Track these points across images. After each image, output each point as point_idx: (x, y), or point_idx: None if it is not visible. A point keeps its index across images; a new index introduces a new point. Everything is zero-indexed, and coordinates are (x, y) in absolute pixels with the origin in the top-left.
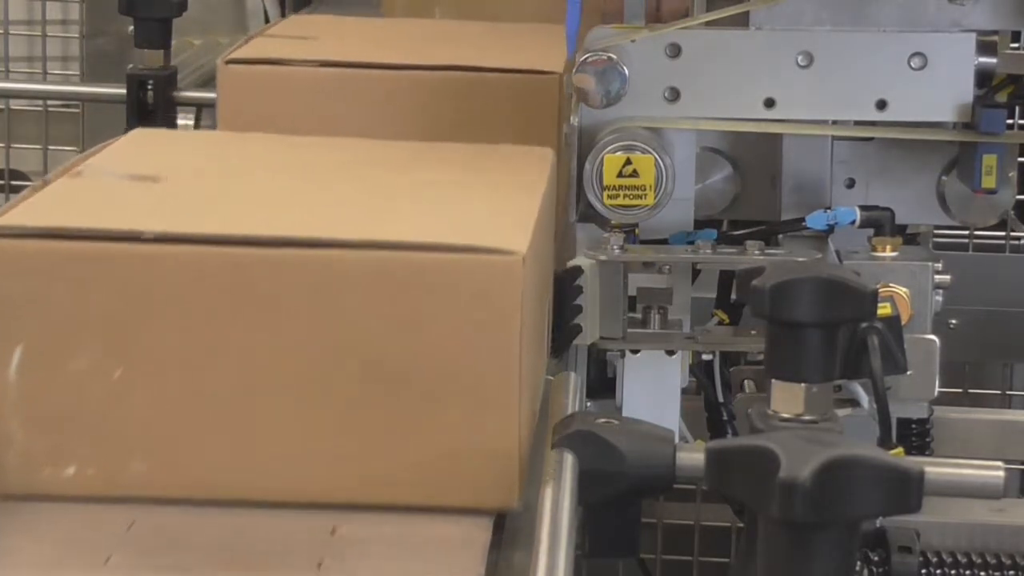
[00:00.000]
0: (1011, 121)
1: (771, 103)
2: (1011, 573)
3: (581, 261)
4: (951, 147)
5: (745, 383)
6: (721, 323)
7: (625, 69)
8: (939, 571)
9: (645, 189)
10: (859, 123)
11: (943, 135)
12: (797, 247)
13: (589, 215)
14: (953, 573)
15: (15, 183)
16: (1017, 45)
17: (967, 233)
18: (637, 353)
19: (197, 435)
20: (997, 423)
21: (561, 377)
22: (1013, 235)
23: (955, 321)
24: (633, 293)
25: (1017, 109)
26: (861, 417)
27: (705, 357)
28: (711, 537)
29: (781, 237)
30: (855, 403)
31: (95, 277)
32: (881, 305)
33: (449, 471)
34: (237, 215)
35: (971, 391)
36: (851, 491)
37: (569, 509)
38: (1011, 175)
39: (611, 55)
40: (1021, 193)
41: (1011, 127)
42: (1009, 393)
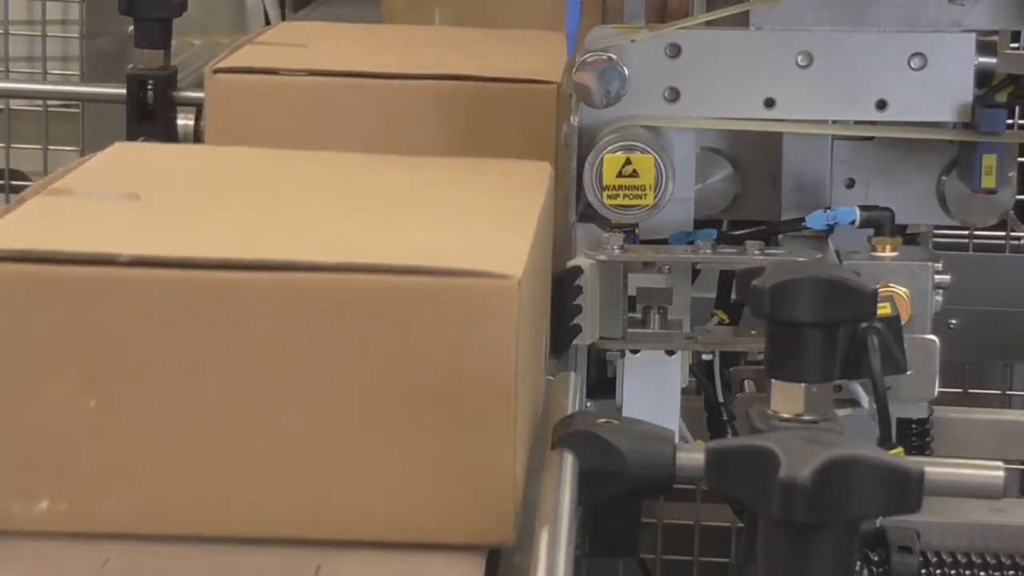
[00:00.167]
0: (1011, 121)
1: (771, 103)
2: (1011, 573)
3: (581, 261)
4: (951, 147)
5: (745, 383)
6: (721, 323)
7: (625, 69)
8: (939, 571)
9: (645, 189)
10: (859, 123)
11: (943, 135)
12: (797, 247)
13: (589, 215)
14: (953, 573)
15: (15, 183)
16: (1017, 45)
17: (967, 233)
18: (637, 353)
19: (175, 468)
20: (997, 423)
21: (561, 377)
22: (1013, 235)
23: (955, 321)
24: (633, 293)
25: (1017, 109)
26: (861, 417)
27: (705, 357)
28: (711, 537)
29: (781, 237)
30: (855, 403)
31: (67, 303)
32: (881, 305)
33: (440, 505)
34: (218, 237)
35: (971, 391)
36: (851, 491)
37: (569, 509)
38: (1011, 175)
39: (611, 55)
40: (1021, 193)
41: (1011, 127)
42: (1009, 393)
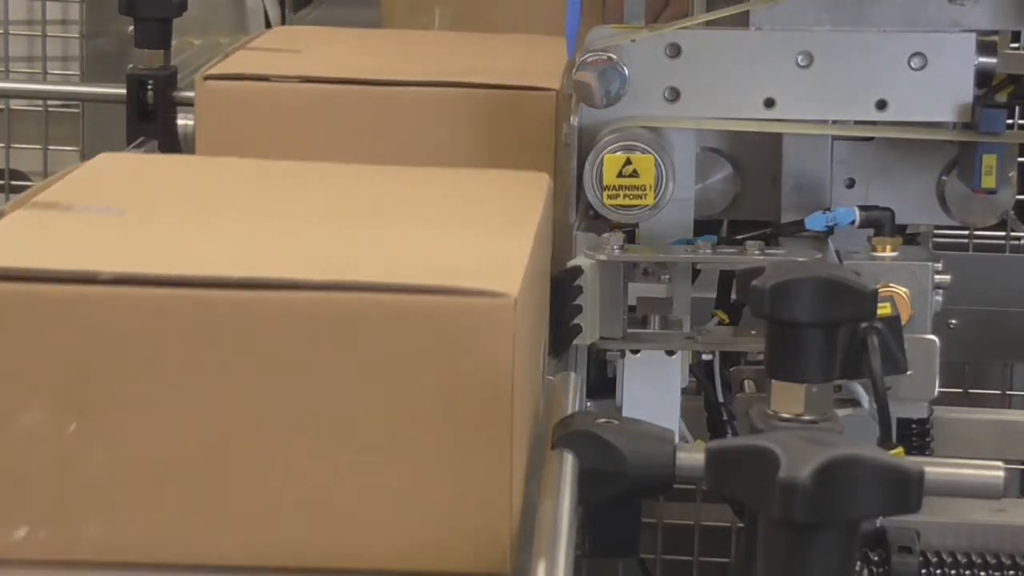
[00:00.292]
0: (1011, 121)
1: (771, 103)
2: (1011, 573)
3: (581, 261)
4: (951, 147)
5: (745, 383)
6: (721, 323)
7: (625, 69)
8: (939, 571)
9: (645, 189)
10: (859, 123)
11: (943, 135)
12: (797, 247)
13: (588, 226)
14: (953, 573)
15: (15, 183)
16: (1017, 45)
17: (967, 233)
18: (637, 353)
19: (158, 495)
20: (997, 423)
21: (561, 377)
22: (1013, 235)
23: (955, 321)
24: (633, 303)
25: (1017, 109)
26: (861, 417)
27: (705, 357)
28: (711, 537)
29: (781, 237)
30: (855, 403)
31: (47, 322)
32: (881, 305)
33: (433, 534)
34: (204, 253)
35: (971, 391)
36: (851, 491)
37: (569, 509)
38: (1011, 175)
39: (611, 55)
40: (1021, 193)
41: (1011, 127)
42: (1009, 393)
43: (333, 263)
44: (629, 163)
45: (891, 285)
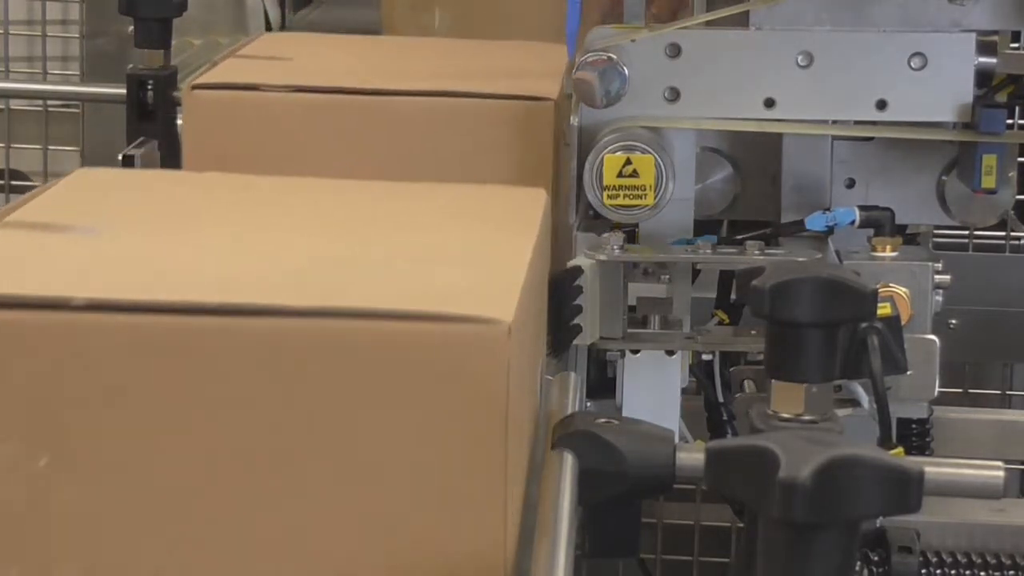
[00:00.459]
0: (1011, 121)
1: (771, 103)
2: (1011, 573)
3: (581, 261)
4: (951, 147)
5: (745, 383)
6: (721, 323)
7: (625, 69)
8: (939, 571)
9: (645, 189)
10: (859, 123)
11: (943, 135)
12: (797, 247)
13: (588, 226)
14: (953, 573)
15: (15, 183)
16: (1017, 45)
17: (967, 233)
18: (637, 353)
19: (134, 533)
20: (997, 423)
21: (561, 377)
22: (1013, 235)
23: (955, 321)
24: (633, 303)
25: (1017, 109)
26: (861, 417)
27: (705, 357)
28: (711, 537)
29: (781, 237)
30: (855, 403)
31: (16, 350)
32: (881, 305)
33: (425, 569)
34: (183, 277)
35: (971, 391)
36: (851, 491)
37: (569, 509)
38: (1011, 175)
39: (611, 55)
40: (1021, 193)
41: (1011, 127)
42: (1009, 393)
43: (319, 287)
44: (629, 163)
45: (891, 285)
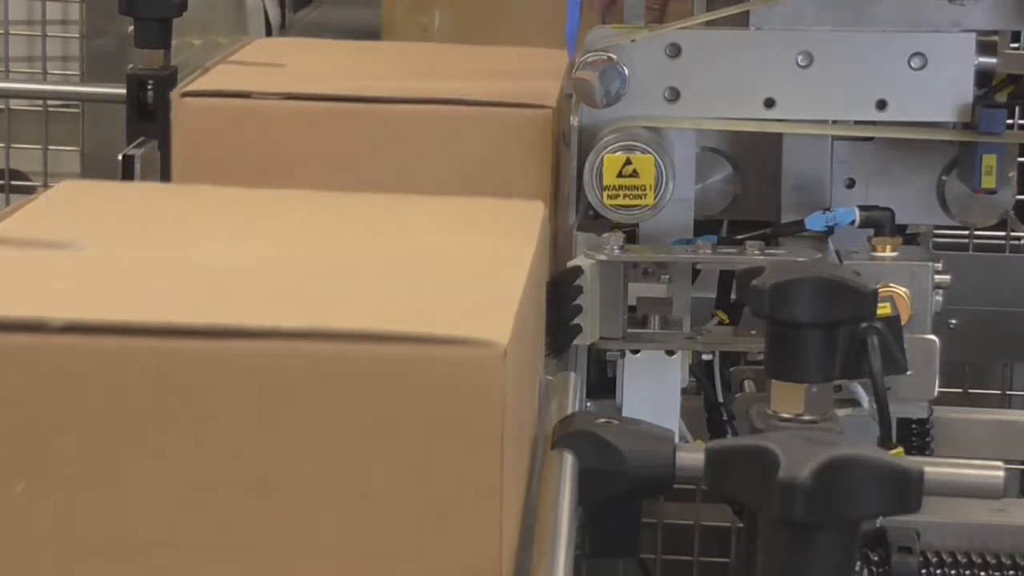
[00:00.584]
0: (1011, 121)
1: (771, 103)
2: (1011, 573)
3: (581, 261)
4: (951, 147)
5: (745, 383)
6: (721, 323)
7: (625, 69)
8: (939, 571)
9: (645, 189)
10: (859, 123)
11: (943, 135)
12: (797, 247)
13: (588, 226)
14: (953, 573)
15: (15, 183)
16: (1017, 45)
17: (967, 233)
18: (637, 353)
19: (116, 562)
20: (997, 423)
21: (561, 377)
22: (1013, 235)
23: (955, 321)
24: (633, 303)
25: (1017, 109)
26: (861, 417)
27: (705, 357)
28: (711, 537)
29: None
30: (855, 403)
31: None
32: (881, 305)
33: None
34: (167, 297)
35: (971, 391)
36: (851, 491)
37: (569, 509)
38: (1011, 175)
39: (611, 55)
40: (1021, 193)
41: (1011, 127)
42: (1009, 393)
43: (305, 307)
44: (629, 163)
45: (891, 285)
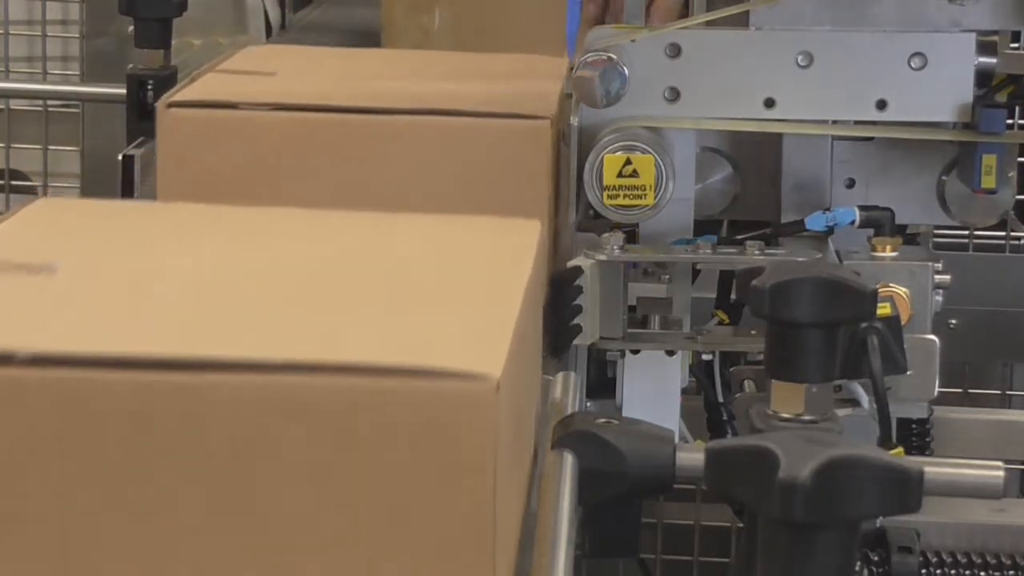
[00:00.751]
0: (1011, 121)
1: (771, 103)
2: (1011, 573)
3: (581, 261)
4: (951, 147)
5: (745, 383)
6: (721, 323)
7: (625, 69)
8: (939, 571)
9: (645, 189)
10: (859, 123)
11: (943, 135)
12: (797, 247)
13: (588, 226)
14: (953, 573)
15: (15, 183)
16: (1017, 45)
17: (967, 233)
18: (637, 353)
19: None
20: (997, 423)
21: (561, 377)
22: (1013, 235)
23: (955, 321)
24: (633, 303)
25: (1017, 109)
26: (861, 417)
27: (705, 357)
28: (711, 537)
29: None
30: (855, 403)
31: None
32: (881, 305)
33: None
34: (143, 326)
35: (971, 391)
36: (851, 491)
37: (569, 509)
38: (1011, 175)
39: (611, 55)
40: (1021, 193)
41: (1011, 127)
42: (1009, 393)
43: (288, 337)
44: (629, 163)
45: (891, 285)
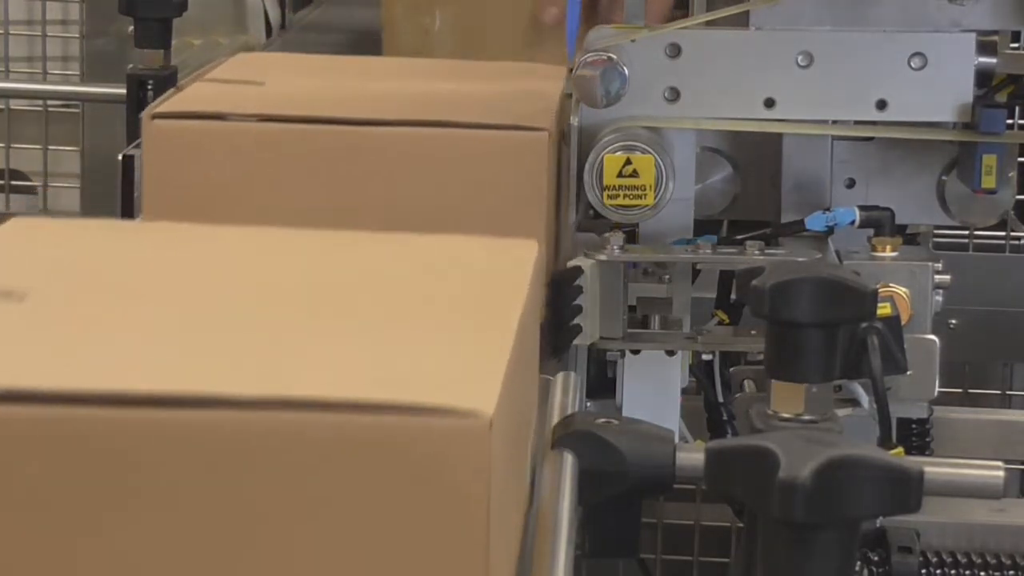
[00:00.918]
0: (1011, 121)
1: (771, 103)
2: (1011, 573)
3: (581, 261)
4: (951, 147)
5: (745, 383)
6: (721, 323)
7: (625, 69)
8: (939, 571)
9: (645, 189)
10: (859, 123)
11: (943, 135)
12: (797, 247)
13: (588, 226)
14: (953, 573)
15: (15, 183)
16: (1017, 45)
17: (967, 233)
18: (637, 353)
19: None
20: (997, 423)
21: (561, 377)
22: (1013, 235)
23: (955, 321)
24: (633, 303)
25: (1017, 109)
26: (861, 417)
27: (705, 357)
28: (711, 537)
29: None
30: (855, 403)
31: None
32: (881, 305)
33: None
34: (114, 359)
35: (971, 391)
36: (851, 491)
37: (569, 509)
38: (1011, 175)
39: (611, 55)
40: (1021, 193)
41: (1011, 127)
42: (1009, 393)
43: (269, 371)
44: (629, 163)
45: (891, 285)
